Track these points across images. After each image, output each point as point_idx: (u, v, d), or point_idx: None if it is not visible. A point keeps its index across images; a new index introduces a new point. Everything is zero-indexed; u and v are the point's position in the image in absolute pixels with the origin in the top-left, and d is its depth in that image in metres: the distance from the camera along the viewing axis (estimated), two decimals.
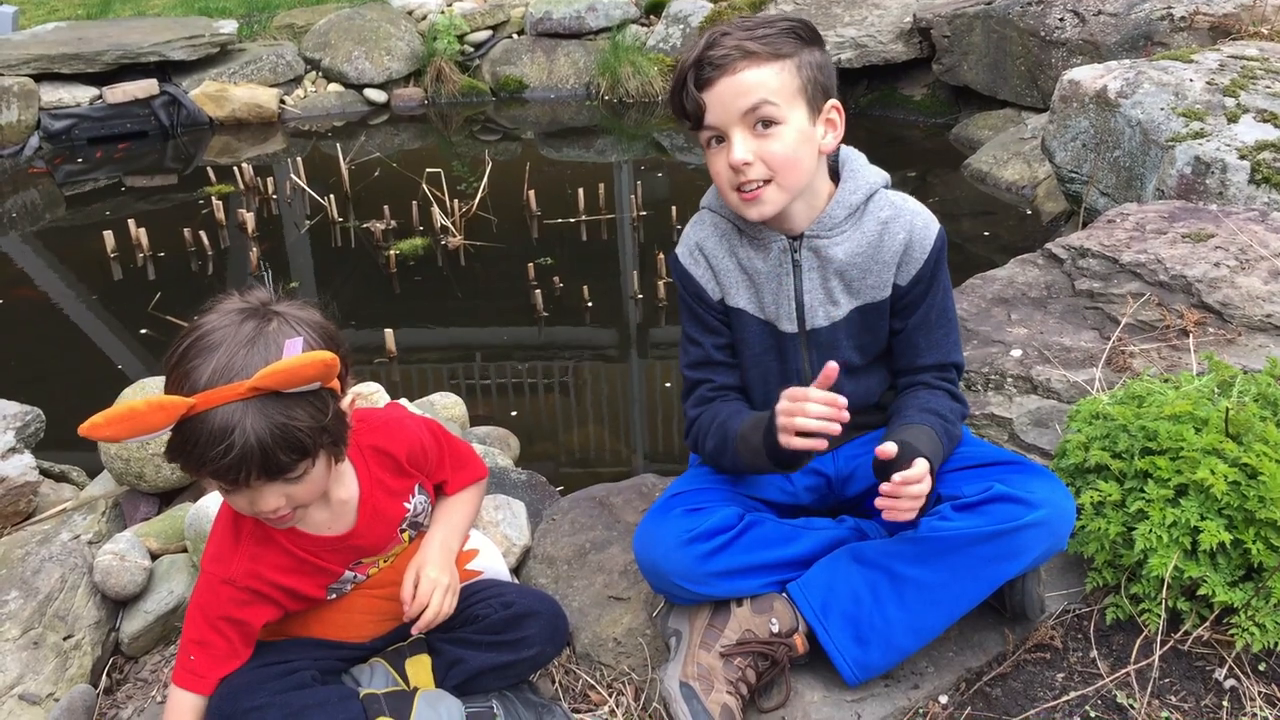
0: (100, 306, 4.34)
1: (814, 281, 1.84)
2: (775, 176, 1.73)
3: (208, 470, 1.42)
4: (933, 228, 1.83)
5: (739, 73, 1.69)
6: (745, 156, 1.71)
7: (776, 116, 1.70)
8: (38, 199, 5.78)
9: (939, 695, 1.79)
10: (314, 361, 1.40)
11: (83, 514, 2.37)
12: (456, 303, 4.25)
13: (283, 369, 1.39)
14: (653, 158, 6.13)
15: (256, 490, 1.47)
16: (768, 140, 1.71)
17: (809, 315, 1.86)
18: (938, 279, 1.85)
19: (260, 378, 1.39)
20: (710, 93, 1.70)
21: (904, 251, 1.82)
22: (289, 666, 1.69)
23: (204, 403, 1.38)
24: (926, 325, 1.87)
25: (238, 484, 1.44)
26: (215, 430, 1.38)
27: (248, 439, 1.38)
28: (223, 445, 1.38)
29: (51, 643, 2.02)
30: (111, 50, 6.47)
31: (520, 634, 1.78)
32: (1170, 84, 3.60)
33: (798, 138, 1.72)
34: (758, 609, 1.79)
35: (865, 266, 1.83)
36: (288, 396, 1.42)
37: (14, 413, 2.62)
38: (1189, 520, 1.76)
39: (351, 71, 7.01)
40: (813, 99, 1.74)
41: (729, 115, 1.71)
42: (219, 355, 1.41)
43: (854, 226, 1.83)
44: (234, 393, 1.39)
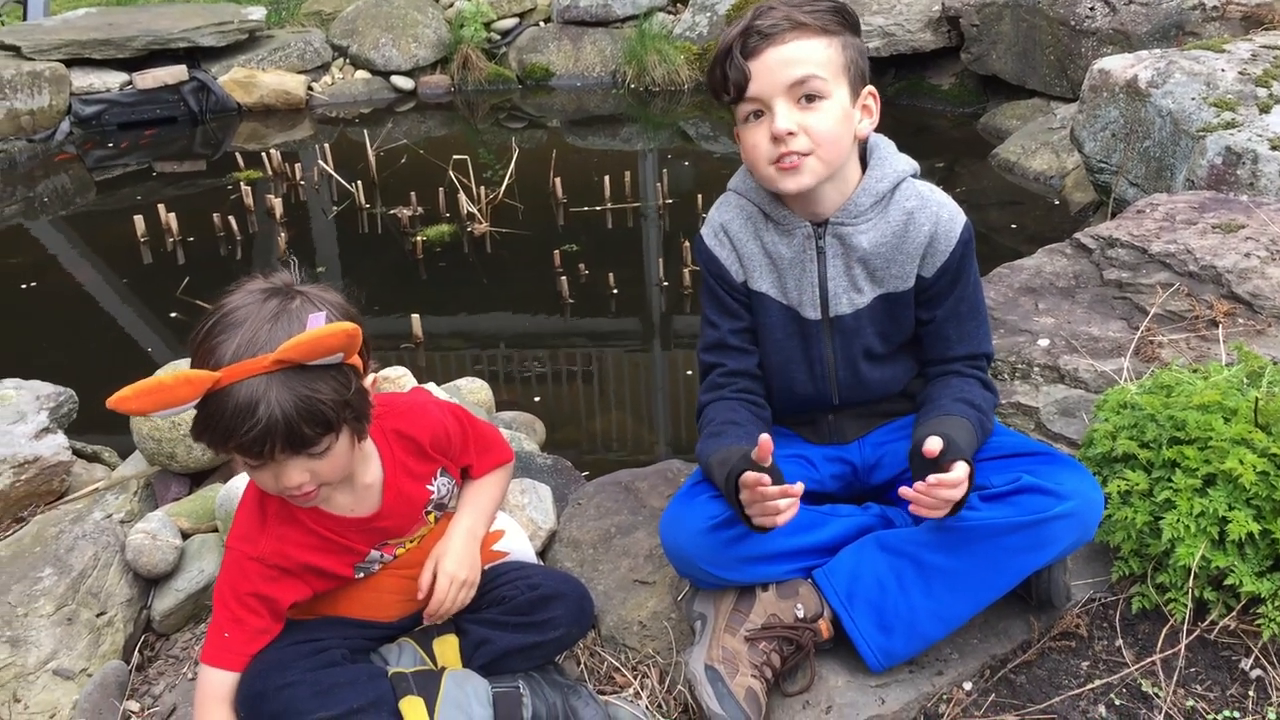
0: (131, 290, 4.39)
1: (838, 269, 1.84)
2: (816, 150, 1.72)
3: (233, 444, 1.43)
4: (958, 220, 1.83)
5: (788, 43, 1.69)
6: (789, 126, 1.70)
7: (823, 91, 1.70)
8: (68, 184, 5.84)
9: (963, 682, 1.79)
10: (337, 332, 1.42)
11: (115, 493, 2.40)
12: (482, 289, 4.27)
13: (306, 340, 1.41)
14: (678, 146, 6.13)
15: (281, 465, 1.48)
16: (812, 113, 1.70)
17: (832, 302, 1.86)
18: (965, 271, 1.84)
19: (284, 350, 1.40)
20: (757, 61, 1.70)
21: (929, 244, 1.81)
22: (318, 645, 1.70)
23: (229, 376, 1.40)
24: (957, 317, 1.87)
25: (262, 457, 1.46)
26: (240, 403, 1.40)
27: (272, 411, 1.40)
28: (248, 418, 1.40)
29: (85, 619, 2.05)
30: (142, 36, 6.51)
31: (546, 615, 1.79)
32: (1202, 74, 3.57)
33: (841, 114, 1.73)
34: (783, 594, 1.80)
35: (889, 256, 1.83)
36: (311, 370, 1.43)
37: (47, 393, 2.66)
38: (1217, 510, 1.76)
39: (379, 58, 7.03)
40: (854, 81, 1.74)
41: (774, 86, 1.70)
42: (243, 331, 1.43)
43: (879, 215, 1.82)
44: (258, 366, 1.41)
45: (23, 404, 2.59)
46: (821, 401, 1.95)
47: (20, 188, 5.73)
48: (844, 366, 1.90)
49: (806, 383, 1.93)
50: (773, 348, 1.92)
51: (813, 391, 1.93)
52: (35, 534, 2.23)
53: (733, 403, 1.89)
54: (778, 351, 1.92)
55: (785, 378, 1.93)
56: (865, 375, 1.91)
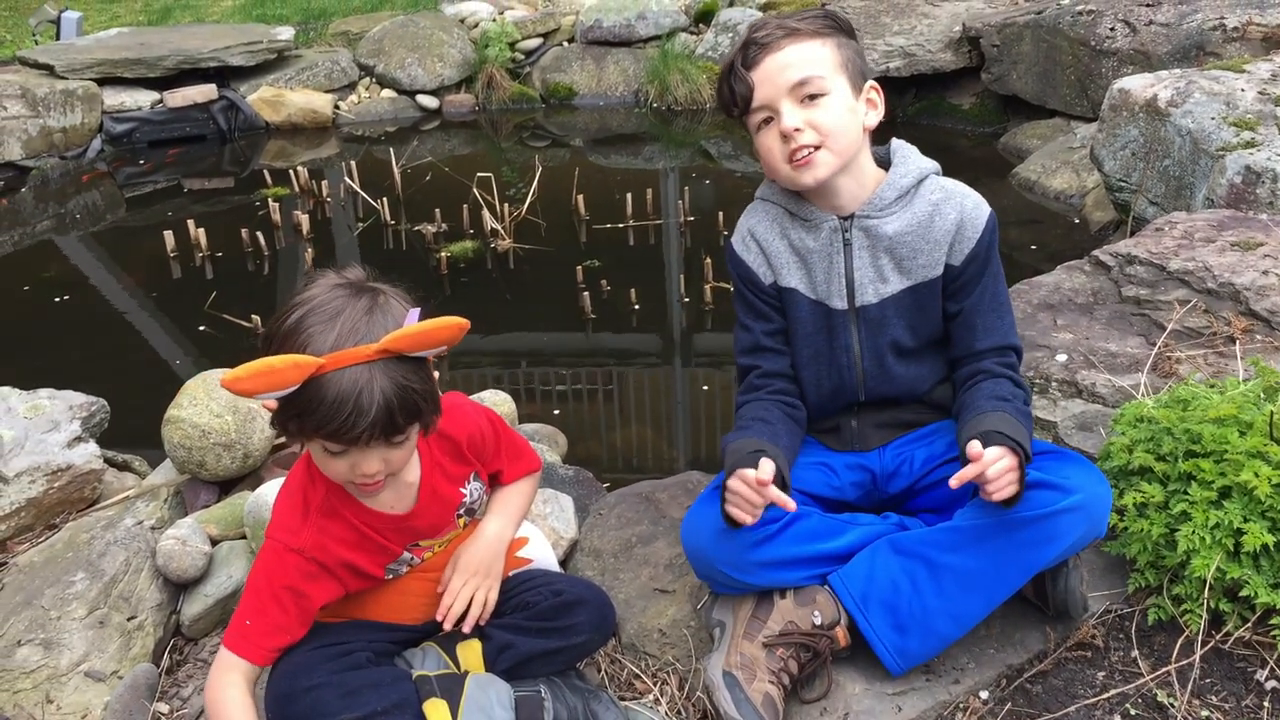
0: (160, 304, 4.46)
1: (864, 259, 1.89)
2: (825, 141, 1.80)
3: (328, 430, 1.47)
4: (984, 209, 1.89)
5: (784, 49, 1.79)
6: (796, 123, 1.78)
7: (823, 88, 1.79)
8: (99, 200, 5.94)
9: (980, 690, 1.81)
10: (450, 325, 1.49)
11: (145, 501, 2.44)
12: (506, 305, 4.32)
13: (417, 331, 1.47)
14: (700, 165, 6.18)
15: (363, 453, 1.53)
16: (815, 110, 1.79)
17: (859, 292, 1.90)
18: (991, 260, 1.90)
19: (393, 339, 1.46)
20: (758, 71, 1.79)
21: (956, 231, 1.86)
22: (345, 648, 1.73)
23: (335, 363, 1.45)
24: (983, 308, 1.90)
25: (355, 444, 1.50)
26: (344, 390, 1.45)
27: (375, 399, 1.46)
28: (351, 405, 1.45)
29: (116, 623, 2.09)
30: (172, 55, 6.63)
31: (569, 621, 1.82)
32: (1221, 93, 3.59)
33: (843, 107, 1.81)
34: (800, 601, 1.82)
35: (916, 245, 1.87)
36: (405, 362, 1.49)
37: (80, 403, 2.71)
38: (1232, 522, 1.77)
39: (404, 78, 7.13)
40: (853, 76, 1.83)
41: (777, 90, 1.79)
42: (342, 321, 1.48)
43: (904, 207, 1.88)
44: (363, 354, 1.46)
45: (56, 413, 2.64)
46: (848, 397, 1.98)
47: (53, 204, 5.84)
48: (870, 359, 1.93)
49: (833, 376, 1.96)
50: (802, 342, 1.97)
51: (839, 385, 1.96)
52: (68, 540, 2.28)
53: (766, 403, 1.94)
54: (807, 344, 1.96)
55: (814, 371, 1.97)
56: (892, 370, 1.94)
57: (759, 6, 7.28)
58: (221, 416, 2.37)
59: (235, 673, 1.65)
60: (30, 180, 6.11)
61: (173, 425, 2.39)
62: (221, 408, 2.38)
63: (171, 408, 2.41)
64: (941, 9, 6.41)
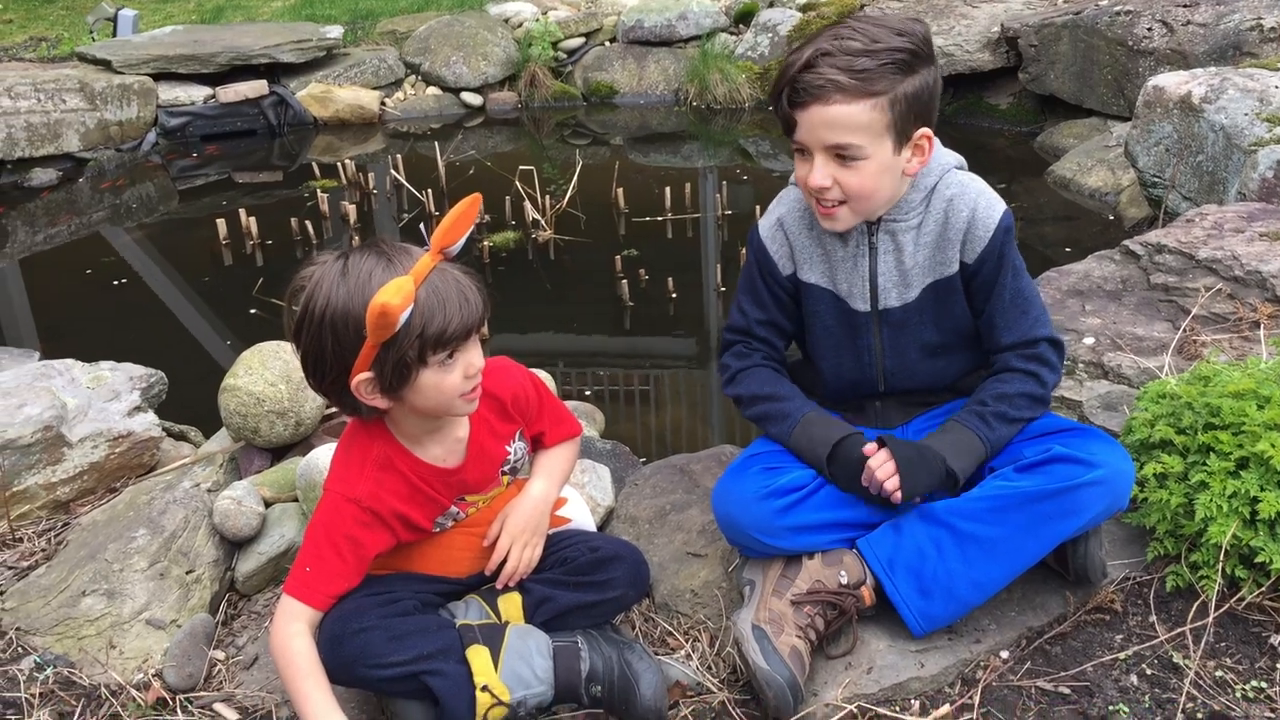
0: (213, 287, 4.62)
1: (888, 264, 1.93)
2: (850, 202, 1.82)
3: (453, 327, 1.60)
4: (996, 208, 1.89)
5: (829, 105, 1.73)
6: (823, 182, 1.80)
7: (860, 153, 1.77)
8: (154, 191, 6.11)
9: (1000, 650, 1.88)
10: (466, 202, 1.63)
11: (202, 466, 2.56)
12: (546, 292, 4.42)
13: (450, 221, 1.62)
14: (738, 163, 6.26)
15: (468, 350, 1.66)
16: (847, 171, 1.79)
17: (881, 296, 1.95)
18: (1006, 258, 1.90)
19: (439, 237, 1.61)
20: (802, 114, 1.77)
21: (967, 229, 1.88)
22: (393, 596, 1.82)
23: (418, 276, 1.58)
24: (1003, 306, 1.94)
25: (469, 335, 1.64)
26: (446, 288, 1.60)
27: (462, 284, 1.62)
28: (456, 295, 1.60)
29: (175, 575, 2.20)
30: (225, 52, 6.80)
31: (606, 576, 1.91)
32: (1255, 90, 3.63)
33: (877, 170, 1.80)
34: (828, 562, 1.89)
35: (934, 244, 1.92)
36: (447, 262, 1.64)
37: (139, 374, 2.83)
38: (1249, 491, 1.83)
39: (449, 76, 7.26)
40: (902, 130, 1.79)
41: (815, 141, 1.78)
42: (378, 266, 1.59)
43: (924, 208, 1.91)
44: (429, 263, 1.60)
45: (117, 383, 2.76)
46: (869, 388, 2.05)
47: (109, 194, 6.01)
48: (892, 358, 2.00)
49: (854, 369, 2.03)
50: (822, 333, 2.03)
51: (859, 378, 2.04)
52: (129, 500, 2.40)
53: (767, 371, 2.04)
54: (827, 336, 2.03)
55: (834, 363, 2.04)
56: (915, 366, 2.00)
57: (799, 7, 7.35)
58: (275, 385, 2.48)
59: (299, 620, 1.74)
60: (87, 171, 6.29)
61: (229, 393, 2.49)
62: (276, 377, 2.49)
63: (228, 376, 2.52)
64: (980, 10, 6.45)
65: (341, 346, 1.60)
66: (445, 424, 1.80)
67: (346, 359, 1.61)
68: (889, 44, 1.74)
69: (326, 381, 1.66)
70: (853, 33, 1.75)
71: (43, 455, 2.43)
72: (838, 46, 1.73)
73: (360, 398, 1.65)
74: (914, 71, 1.76)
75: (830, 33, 1.77)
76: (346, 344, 1.60)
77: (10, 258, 5.14)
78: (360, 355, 1.60)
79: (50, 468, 2.45)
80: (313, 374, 1.68)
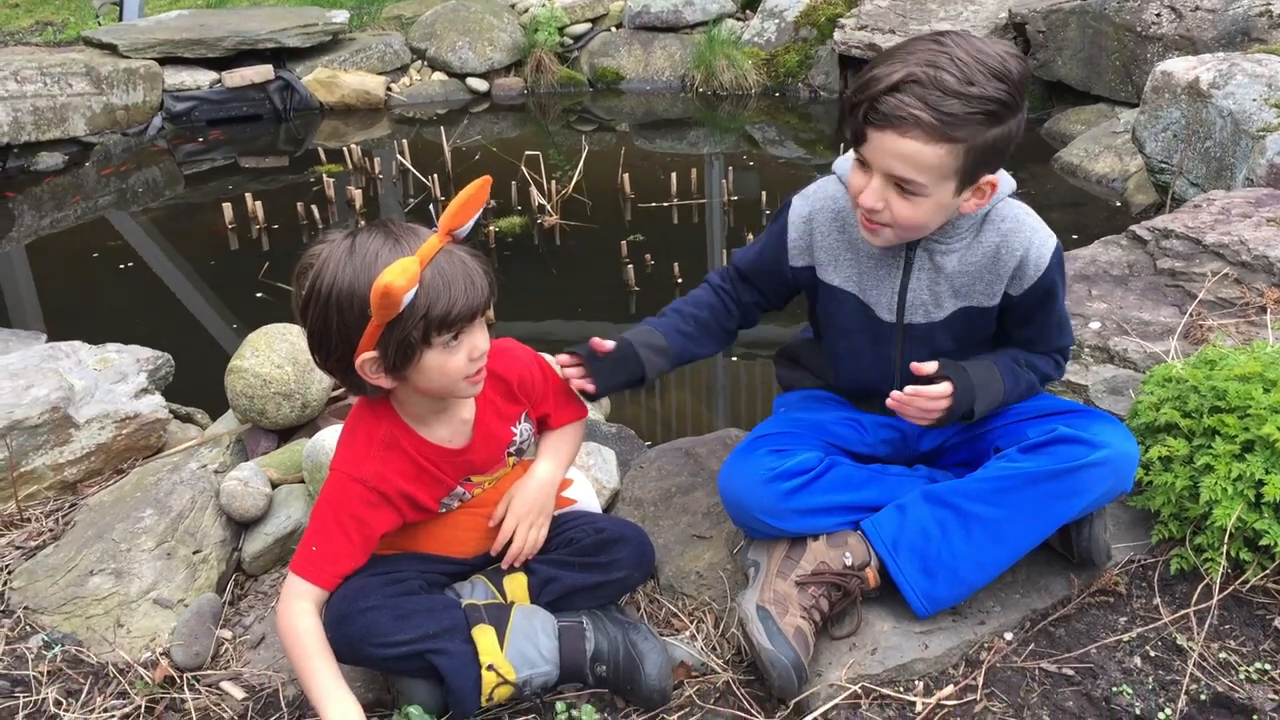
0: (219, 271, 4.63)
1: (921, 282, 1.90)
2: (895, 226, 1.77)
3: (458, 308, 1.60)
4: (1049, 245, 1.84)
5: (904, 138, 1.65)
6: (876, 204, 1.74)
7: (921, 190, 1.71)
8: (159, 176, 6.11)
9: (1004, 632, 1.88)
10: (475, 184, 1.63)
11: (209, 448, 2.56)
12: (551, 277, 4.42)
13: (460, 202, 1.61)
14: (744, 150, 6.25)
15: (473, 333, 1.66)
16: (902, 201, 1.73)
17: (909, 311, 1.92)
18: (1053, 293, 1.88)
19: (448, 218, 1.61)
20: (873, 133, 1.68)
21: (1019, 266, 1.84)
22: (398, 576, 1.83)
23: (424, 258, 1.58)
24: (1039, 329, 1.94)
25: (474, 317, 1.64)
26: (452, 270, 1.60)
27: (469, 266, 1.61)
28: (462, 277, 1.60)
29: (182, 555, 2.21)
30: (231, 36, 6.79)
31: (611, 557, 1.91)
32: (1263, 76, 3.62)
33: (933, 207, 1.74)
34: (833, 543, 1.90)
35: (976, 274, 1.87)
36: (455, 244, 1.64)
37: (146, 356, 2.84)
38: (1254, 474, 1.83)
39: (455, 61, 7.25)
40: (970, 176, 1.72)
41: (878, 164, 1.71)
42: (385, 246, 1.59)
43: (972, 236, 1.86)
44: (436, 244, 1.60)
45: (124, 365, 2.77)
46: (881, 386, 2.04)
47: (115, 179, 6.01)
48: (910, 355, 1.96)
49: (870, 370, 2.02)
50: (839, 335, 2.02)
51: (875, 378, 2.02)
52: (136, 481, 2.40)
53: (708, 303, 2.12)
54: (845, 338, 2.02)
55: (850, 363, 2.04)
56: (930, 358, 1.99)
57: None
58: (282, 367, 2.48)
59: (305, 600, 1.75)
60: (93, 155, 6.29)
61: (236, 375, 2.50)
62: (282, 359, 2.49)
63: (235, 358, 2.52)
64: None
65: (346, 325, 1.61)
66: (451, 405, 1.81)
67: (351, 338, 1.62)
68: (983, 90, 1.63)
69: (331, 360, 1.67)
70: (950, 63, 1.62)
71: (50, 436, 2.44)
72: (930, 77, 1.62)
73: (365, 377, 1.66)
74: (1000, 122, 1.66)
75: (925, 54, 1.64)
76: (351, 323, 1.60)
77: (17, 242, 5.15)
78: (365, 334, 1.60)
79: (58, 449, 2.46)
80: (318, 352, 1.68)
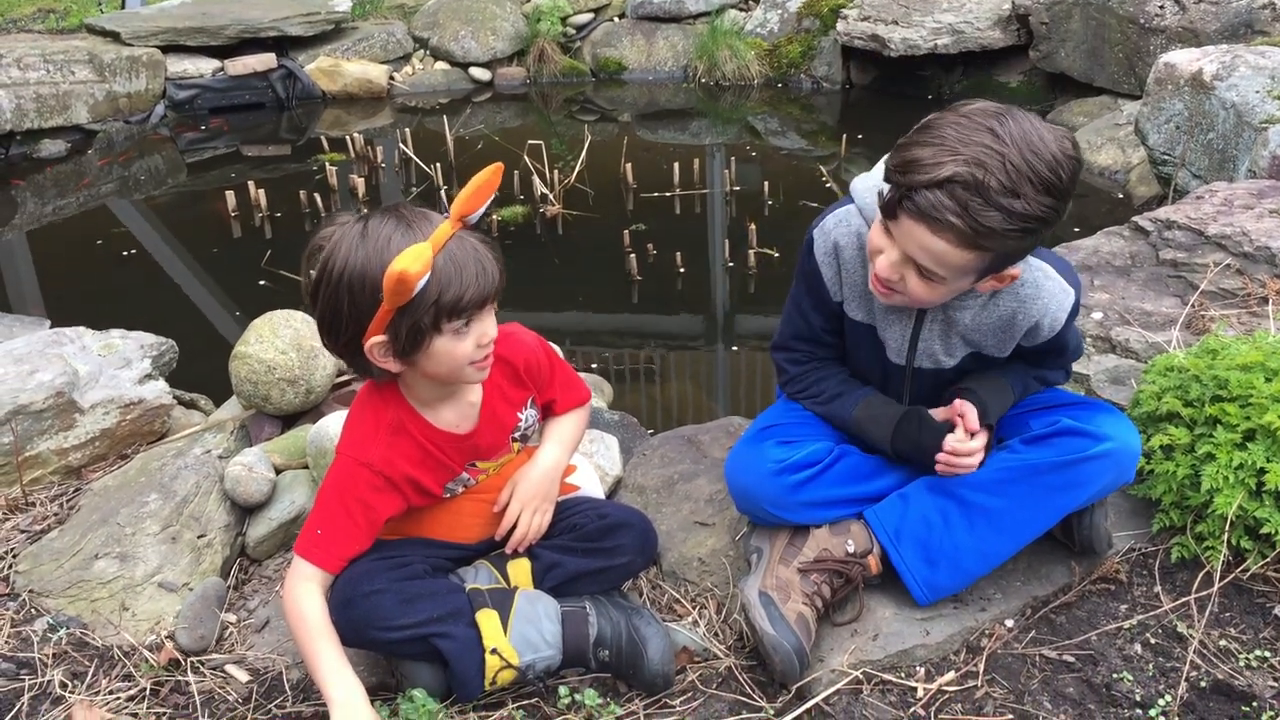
0: (222, 258, 4.64)
1: (933, 333, 1.89)
2: (909, 299, 1.75)
3: (468, 296, 1.60)
4: (1067, 305, 1.82)
5: (934, 234, 1.59)
6: (892, 276, 1.70)
7: (941, 279, 1.67)
8: (162, 164, 6.11)
9: (1005, 619, 1.89)
10: (488, 171, 1.62)
11: (213, 433, 2.57)
12: (554, 266, 4.43)
13: (471, 189, 1.60)
14: (747, 141, 6.25)
15: (483, 319, 1.66)
16: (919, 281, 1.68)
17: (919, 359, 1.92)
18: (1067, 336, 1.89)
19: (459, 205, 1.60)
20: (905, 216, 1.61)
21: (1033, 329, 1.84)
22: (403, 560, 1.84)
23: (436, 244, 1.58)
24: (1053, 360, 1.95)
25: (485, 304, 1.64)
26: (463, 256, 1.59)
27: (480, 253, 1.61)
28: (474, 263, 1.60)
29: (187, 539, 2.22)
30: (233, 25, 6.78)
31: (614, 543, 1.92)
32: (1267, 68, 3.62)
33: (948, 291, 1.73)
34: (836, 531, 1.91)
35: (989, 331, 1.86)
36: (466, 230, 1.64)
37: (150, 342, 2.84)
38: (1255, 462, 1.84)
39: (458, 50, 7.24)
40: (990, 270, 1.68)
41: (903, 245, 1.65)
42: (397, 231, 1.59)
43: (990, 298, 1.82)
44: (448, 230, 1.60)
45: (128, 351, 2.77)
46: None
47: (118, 166, 6.01)
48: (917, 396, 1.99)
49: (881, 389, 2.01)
50: (853, 356, 2.02)
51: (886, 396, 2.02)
52: (140, 466, 2.41)
53: (833, 369, 2.02)
54: (857, 363, 2.02)
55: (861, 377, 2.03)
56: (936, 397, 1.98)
57: None
58: (286, 353, 2.49)
59: (311, 582, 1.76)
60: (96, 143, 6.29)
61: (240, 361, 2.51)
62: (286, 345, 2.50)
63: (239, 344, 2.53)
64: None
65: (357, 308, 1.61)
66: (458, 389, 1.81)
67: (362, 321, 1.62)
68: (1026, 207, 1.54)
69: (340, 342, 1.67)
70: (1000, 168, 1.52)
71: (55, 421, 2.44)
72: (975, 180, 1.53)
73: (373, 360, 1.66)
74: (1036, 235, 1.62)
75: (976, 149, 1.54)
76: (362, 306, 1.60)
77: (20, 229, 5.15)
78: (375, 318, 1.61)
79: (62, 433, 2.46)
80: (328, 335, 1.69)
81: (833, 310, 1.95)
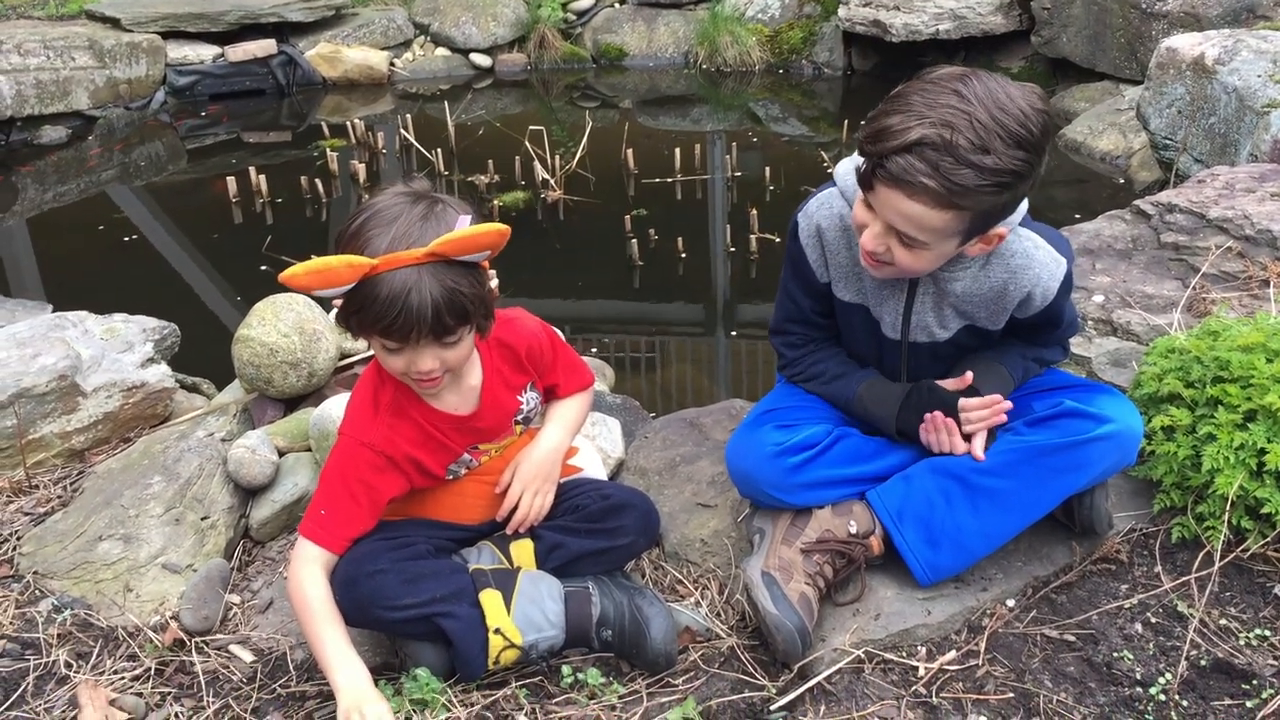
0: (223, 243, 4.64)
1: (926, 304, 1.90)
2: (896, 268, 1.76)
3: (380, 327, 1.59)
4: (1058, 275, 1.83)
5: (909, 198, 1.60)
6: (877, 248, 1.71)
7: (922, 245, 1.68)
8: (162, 150, 6.11)
9: (1006, 599, 1.90)
10: (490, 230, 1.60)
11: (215, 416, 2.57)
12: (555, 251, 4.43)
13: (460, 236, 1.58)
14: (748, 127, 6.24)
15: (417, 351, 1.64)
16: (904, 250, 1.70)
17: (914, 332, 1.93)
18: (1061, 310, 1.90)
19: (439, 244, 1.57)
20: (880, 185, 1.63)
21: (1025, 299, 1.85)
22: (406, 540, 1.84)
23: (386, 264, 1.56)
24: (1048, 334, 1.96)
25: (406, 342, 1.62)
26: (395, 290, 1.56)
27: (423, 298, 1.56)
28: (400, 304, 1.56)
29: (190, 521, 2.22)
30: (234, 11, 6.78)
31: (617, 523, 1.92)
32: (1269, 52, 3.61)
33: (934, 257, 1.73)
34: (838, 512, 1.91)
35: (981, 303, 1.87)
36: (455, 266, 1.60)
37: (153, 326, 2.84)
38: (1256, 443, 1.84)
39: (459, 36, 7.23)
40: (975, 232, 1.69)
41: (883, 215, 1.67)
42: (397, 226, 1.59)
43: (980, 268, 1.83)
44: (412, 257, 1.57)
45: (130, 335, 2.78)
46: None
47: (118, 152, 6.01)
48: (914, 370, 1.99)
49: (876, 368, 2.03)
50: (851, 343, 2.04)
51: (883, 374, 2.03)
52: (143, 449, 2.42)
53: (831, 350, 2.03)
54: (852, 343, 2.03)
55: (857, 356, 2.04)
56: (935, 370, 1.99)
57: None
58: (289, 336, 2.49)
59: (314, 563, 1.77)
60: (96, 129, 6.29)
61: (242, 344, 2.51)
62: (289, 328, 2.50)
63: (241, 327, 2.53)
64: None
65: None
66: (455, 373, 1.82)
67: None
68: (997, 161, 1.55)
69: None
70: (968, 126, 1.54)
71: (58, 404, 2.45)
72: (944, 141, 1.54)
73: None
74: (1012, 190, 1.61)
75: (943, 111, 1.56)
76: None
77: (21, 215, 5.15)
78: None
79: (65, 417, 2.47)
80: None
81: (820, 291, 1.97)
